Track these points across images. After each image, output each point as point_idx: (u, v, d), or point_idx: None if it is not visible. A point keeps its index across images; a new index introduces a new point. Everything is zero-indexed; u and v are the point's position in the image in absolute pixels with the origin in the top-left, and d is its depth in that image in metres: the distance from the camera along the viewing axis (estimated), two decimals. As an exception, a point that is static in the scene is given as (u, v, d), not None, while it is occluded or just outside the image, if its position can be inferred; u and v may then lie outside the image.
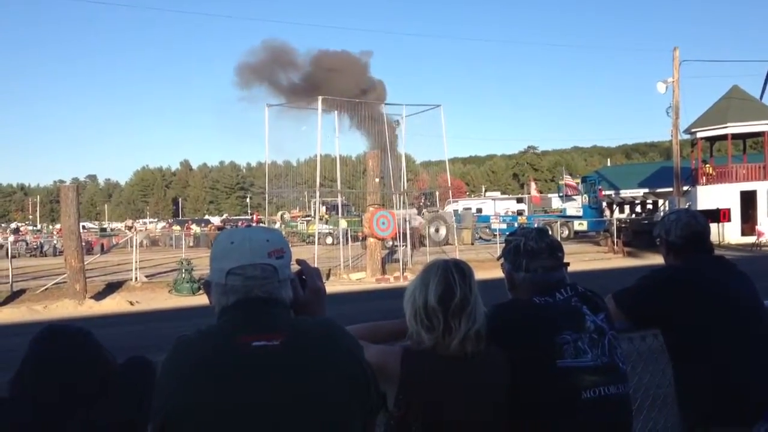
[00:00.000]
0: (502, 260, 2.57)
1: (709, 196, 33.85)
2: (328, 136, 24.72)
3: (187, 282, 18.83)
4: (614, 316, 2.71)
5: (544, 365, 2.24)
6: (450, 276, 2.15)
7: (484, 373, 2.14)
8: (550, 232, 2.68)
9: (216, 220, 68.85)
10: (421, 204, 36.68)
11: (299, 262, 1.99)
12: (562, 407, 2.22)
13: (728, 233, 32.26)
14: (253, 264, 1.68)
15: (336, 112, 24.93)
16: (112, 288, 19.46)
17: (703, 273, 2.88)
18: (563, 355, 2.25)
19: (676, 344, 2.83)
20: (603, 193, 44.17)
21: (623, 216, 43.08)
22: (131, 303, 17.57)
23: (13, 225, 69.12)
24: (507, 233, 2.69)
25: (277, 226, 38.20)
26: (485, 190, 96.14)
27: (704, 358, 2.72)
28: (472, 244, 35.21)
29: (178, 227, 48.87)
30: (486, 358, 2.16)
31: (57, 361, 1.90)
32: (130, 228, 46.03)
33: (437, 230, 33.30)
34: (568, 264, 2.51)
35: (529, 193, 51.76)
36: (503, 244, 2.65)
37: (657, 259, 3.24)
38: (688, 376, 2.78)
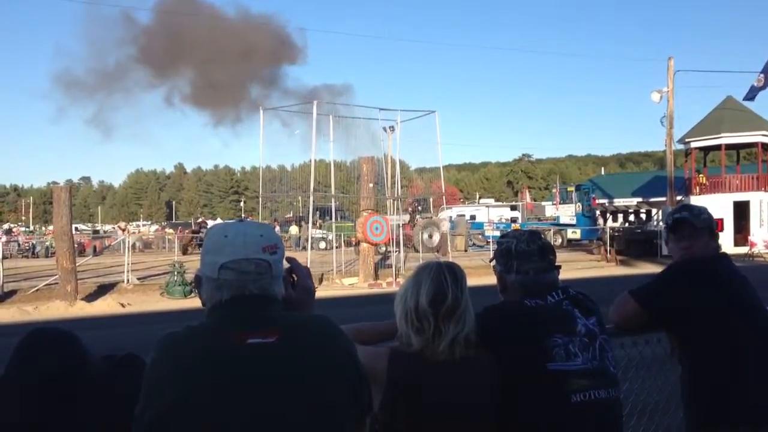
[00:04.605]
0: (493, 262, 2.57)
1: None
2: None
3: (179, 285, 18.76)
4: (627, 314, 2.73)
5: (534, 368, 2.23)
6: (442, 278, 2.14)
7: (472, 377, 2.12)
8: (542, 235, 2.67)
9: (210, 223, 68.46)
10: (414, 210, 36.64)
11: (289, 260, 1.95)
12: (552, 410, 2.21)
13: (721, 244, 32.20)
14: (247, 259, 1.64)
15: (331, 115, 24.87)
16: (103, 290, 19.35)
17: (724, 268, 2.89)
18: (553, 358, 2.24)
19: (690, 340, 2.81)
20: (596, 201, 44.27)
21: (616, 225, 43.15)
22: (123, 305, 17.49)
23: (5, 226, 68.84)
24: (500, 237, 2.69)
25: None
26: (479, 197, 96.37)
27: (719, 355, 2.70)
28: (466, 250, 35.22)
29: (171, 230, 48.64)
30: (475, 361, 2.14)
31: (42, 363, 1.89)
32: (123, 230, 45.77)
33: (431, 236, 33.28)
34: (559, 267, 2.50)
35: (522, 201, 51.89)
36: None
37: (649, 268, 3.24)
38: (699, 375, 2.77)
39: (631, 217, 47.18)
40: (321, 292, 19.09)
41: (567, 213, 42.82)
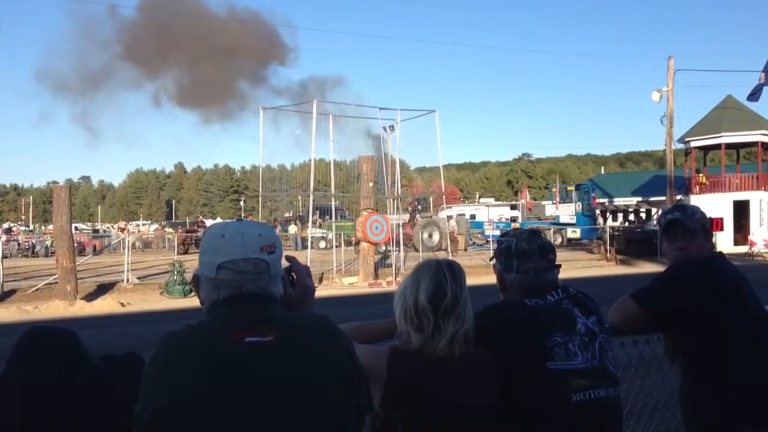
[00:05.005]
0: (493, 261, 2.56)
1: (702, 206, 33.31)
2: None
3: (179, 284, 18.75)
4: (627, 316, 2.73)
5: (534, 367, 2.23)
6: (441, 276, 2.14)
7: (471, 375, 2.13)
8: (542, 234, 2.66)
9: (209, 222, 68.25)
10: (414, 209, 36.60)
11: (289, 259, 1.95)
12: (552, 409, 2.20)
13: (721, 243, 32.26)
14: (245, 258, 1.64)
15: (331, 115, 24.85)
16: (103, 289, 19.34)
17: (722, 268, 2.88)
18: (554, 358, 2.24)
19: (690, 340, 2.80)
20: (596, 201, 44.24)
21: (616, 224, 43.14)
22: (122, 304, 17.47)
23: (5, 225, 68.75)
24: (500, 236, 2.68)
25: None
26: (479, 197, 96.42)
27: (720, 355, 2.70)
28: (465, 249, 35.20)
29: (170, 230, 48.61)
30: (474, 359, 2.14)
31: (41, 363, 1.89)
32: (123, 230, 45.77)
33: (431, 236, 33.28)
34: (559, 266, 2.50)
35: (522, 200, 51.92)
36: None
37: (649, 267, 3.24)
38: (699, 375, 2.77)
39: (631, 217, 47.22)
40: (321, 292, 19.07)
41: (567, 212, 42.73)
